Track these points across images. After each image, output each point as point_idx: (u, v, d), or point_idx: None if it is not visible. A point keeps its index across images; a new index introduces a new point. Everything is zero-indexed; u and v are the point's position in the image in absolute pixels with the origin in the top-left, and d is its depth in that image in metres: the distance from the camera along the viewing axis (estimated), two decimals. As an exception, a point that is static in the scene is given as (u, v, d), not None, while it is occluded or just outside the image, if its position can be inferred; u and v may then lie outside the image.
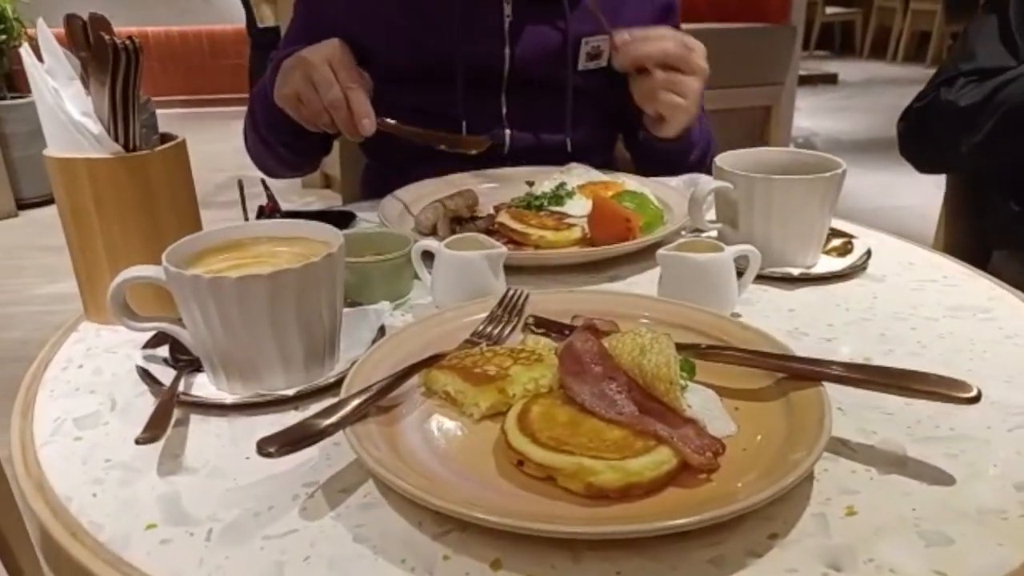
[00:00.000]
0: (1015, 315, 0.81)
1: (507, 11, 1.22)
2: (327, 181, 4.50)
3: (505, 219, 0.99)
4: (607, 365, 0.59)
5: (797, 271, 0.89)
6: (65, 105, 0.74)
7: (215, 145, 4.76)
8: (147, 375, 0.68)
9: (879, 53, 8.59)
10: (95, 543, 0.50)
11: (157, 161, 0.78)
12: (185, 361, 0.70)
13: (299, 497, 0.54)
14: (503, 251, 0.81)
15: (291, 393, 0.65)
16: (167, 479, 0.57)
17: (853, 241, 0.97)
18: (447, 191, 1.11)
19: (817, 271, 0.90)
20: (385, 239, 0.88)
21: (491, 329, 0.73)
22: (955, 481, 0.55)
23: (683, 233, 0.98)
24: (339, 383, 0.62)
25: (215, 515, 0.53)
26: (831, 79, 7.46)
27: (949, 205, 1.69)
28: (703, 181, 0.94)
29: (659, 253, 0.79)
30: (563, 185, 1.12)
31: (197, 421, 0.64)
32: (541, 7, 1.24)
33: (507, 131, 1.29)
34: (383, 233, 0.91)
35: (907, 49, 8.28)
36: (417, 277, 0.85)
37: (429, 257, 0.83)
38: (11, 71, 4.26)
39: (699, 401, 0.60)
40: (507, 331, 0.73)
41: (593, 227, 0.97)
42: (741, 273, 0.80)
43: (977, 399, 0.54)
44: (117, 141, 0.76)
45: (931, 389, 0.56)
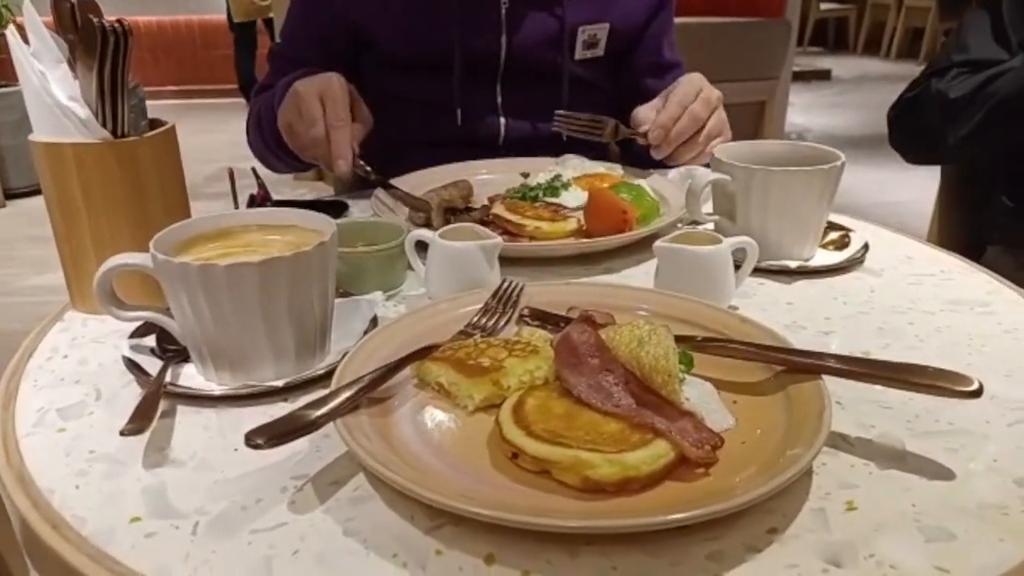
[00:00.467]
0: (1013, 309, 0.80)
1: None
2: (320, 174, 4.47)
3: (500, 210, 0.98)
4: (604, 357, 0.58)
5: (795, 264, 0.88)
6: (52, 89, 0.72)
7: (206, 136, 4.74)
8: (133, 365, 0.67)
9: (873, 49, 8.60)
10: (78, 537, 0.49)
11: (146, 147, 0.76)
12: (173, 351, 0.69)
13: (288, 490, 0.53)
14: (498, 242, 0.80)
15: (281, 384, 0.64)
16: (153, 471, 0.56)
17: (850, 234, 0.96)
18: (441, 182, 1.09)
19: (815, 264, 0.89)
20: (378, 229, 0.87)
21: (485, 320, 0.72)
22: (955, 476, 0.54)
23: (680, 225, 0.97)
24: (330, 374, 0.61)
25: (202, 508, 0.52)
26: (825, 75, 7.46)
27: (943, 200, 1.69)
28: (700, 173, 0.93)
29: (656, 245, 0.78)
30: (558, 177, 1.10)
31: (184, 412, 0.63)
32: None
33: (502, 120, 1.27)
34: (376, 223, 0.90)
35: (901, 46, 8.29)
36: (411, 268, 0.84)
37: (423, 248, 0.82)
38: (-2, 60, 4.21)
39: (697, 394, 0.59)
40: (502, 322, 0.72)
41: (589, 218, 0.96)
42: (738, 266, 0.79)
43: (979, 393, 0.53)
44: (105, 126, 0.74)
45: (932, 383, 0.55)
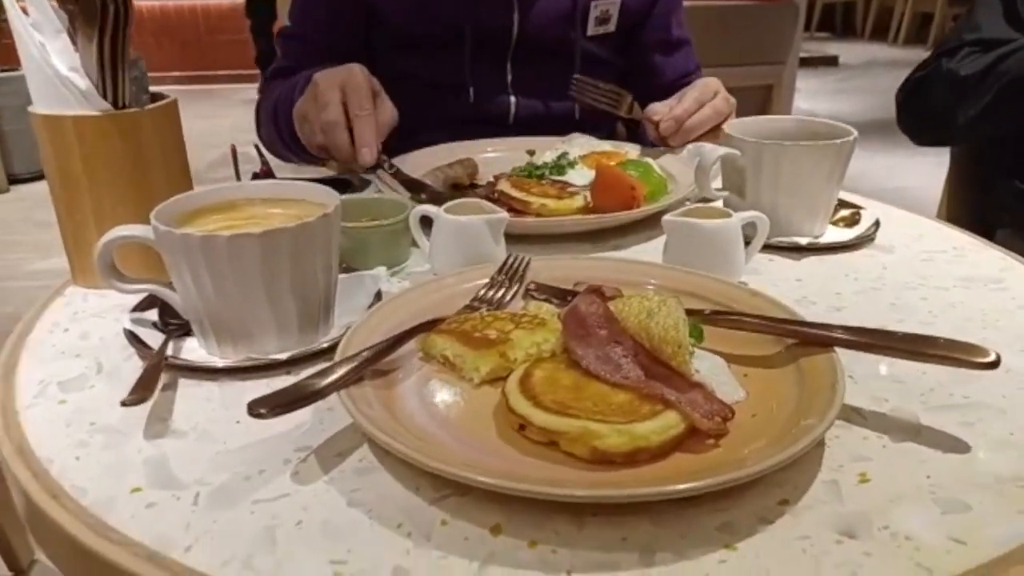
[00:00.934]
0: (1028, 286, 0.79)
1: None
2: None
3: (506, 187, 0.97)
4: (612, 328, 0.57)
5: (805, 240, 0.87)
6: (51, 60, 0.71)
7: (210, 121, 4.72)
8: (135, 338, 0.66)
9: (880, 35, 8.51)
10: (77, 507, 0.48)
11: (147, 120, 0.75)
12: (175, 325, 0.68)
13: (291, 462, 0.52)
14: (504, 216, 0.79)
15: (284, 357, 0.63)
16: (153, 442, 0.55)
17: (861, 212, 0.95)
18: (447, 159, 1.08)
19: (825, 241, 0.88)
20: (383, 205, 0.86)
21: (492, 294, 0.71)
22: (971, 449, 0.53)
23: (688, 202, 0.96)
24: (333, 348, 0.60)
25: (203, 479, 0.51)
26: (832, 61, 7.39)
27: (952, 183, 1.67)
28: (709, 148, 0.92)
29: (665, 219, 0.77)
30: (565, 155, 1.09)
31: (186, 385, 0.62)
32: None
33: (512, 99, 1.26)
34: (380, 199, 0.89)
35: (908, 31, 8.21)
36: (415, 244, 0.83)
37: (428, 224, 0.81)
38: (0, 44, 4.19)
39: (707, 367, 0.58)
40: (508, 296, 0.71)
41: (596, 195, 0.95)
42: (748, 242, 0.78)
43: (996, 364, 0.52)
44: (106, 98, 0.73)
45: (948, 354, 0.54)
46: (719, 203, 0.91)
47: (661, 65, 1.33)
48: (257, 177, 1.02)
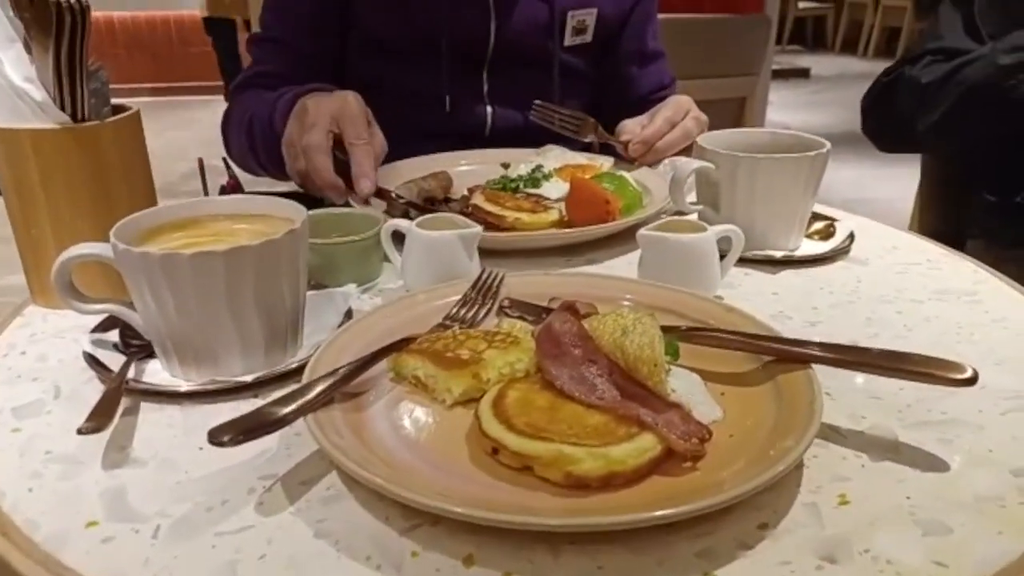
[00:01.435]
0: (1001, 298, 0.79)
1: None
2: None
3: (480, 201, 0.96)
4: (587, 347, 0.56)
5: (780, 254, 0.86)
6: (5, 69, 0.69)
7: (181, 133, 4.66)
8: (94, 361, 0.64)
9: (851, 48, 8.66)
10: (28, 543, 0.46)
11: (108, 133, 0.73)
12: (137, 346, 0.66)
13: (255, 491, 0.50)
14: (478, 231, 0.77)
15: (250, 379, 0.61)
16: (112, 472, 0.52)
17: (835, 224, 0.94)
18: (420, 172, 1.07)
19: (800, 254, 0.87)
20: (353, 220, 0.84)
21: (464, 312, 0.69)
22: (950, 467, 0.52)
23: (663, 216, 0.95)
24: (302, 369, 0.58)
25: (164, 510, 0.49)
26: (803, 73, 7.50)
27: (924, 195, 1.69)
28: (683, 162, 0.91)
29: (640, 233, 0.76)
30: (540, 168, 1.08)
31: (148, 410, 0.60)
32: None
33: (488, 110, 1.25)
34: (351, 213, 0.87)
35: (878, 44, 8.35)
36: (387, 260, 0.81)
37: (400, 239, 0.79)
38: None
39: (683, 385, 0.57)
40: (481, 314, 0.69)
41: (571, 208, 0.94)
42: (723, 255, 0.78)
43: (973, 381, 0.52)
44: (64, 110, 0.71)
45: (925, 371, 0.53)
46: (694, 216, 0.91)
47: (636, 77, 1.32)
48: (224, 191, 1.00)
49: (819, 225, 0.94)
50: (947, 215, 1.58)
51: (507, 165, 1.12)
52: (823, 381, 0.56)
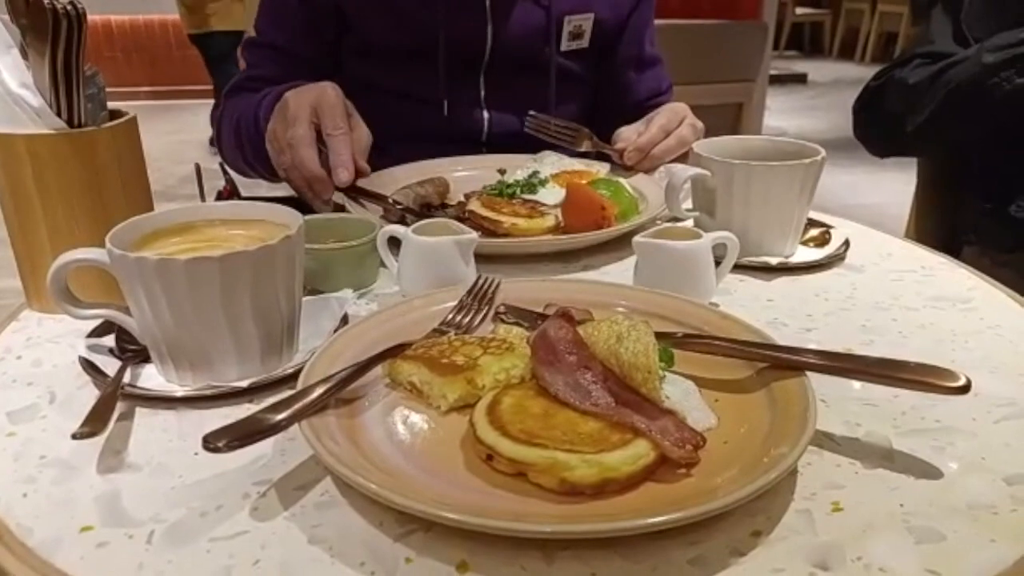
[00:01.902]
0: (995, 305, 0.79)
1: None
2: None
3: (476, 207, 0.96)
4: (582, 354, 0.56)
5: (775, 261, 0.87)
6: (1, 76, 0.69)
7: (180, 136, 4.65)
8: (90, 366, 0.64)
9: (848, 54, 8.69)
10: (22, 548, 0.46)
11: (104, 138, 0.73)
12: (132, 351, 0.66)
13: (250, 496, 0.50)
14: (474, 237, 0.77)
15: (245, 385, 0.61)
16: (107, 477, 0.52)
17: (831, 231, 0.95)
18: (417, 177, 1.07)
19: (795, 261, 0.87)
20: (349, 225, 0.84)
21: (460, 318, 0.69)
22: (943, 475, 0.53)
23: (659, 222, 0.95)
24: (297, 375, 0.58)
25: (158, 516, 0.49)
26: (801, 79, 7.52)
27: (919, 201, 1.69)
28: (679, 169, 0.92)
29: (635, 240, 0.76)
30: (536, 173, 1.09)
31: (143, 415, 0.60)
32: None
33: (485, 115, 1.25)
34: (347, 219, 0.87)
35: (875, 50, 8.39)
36: (383, 265, 0.81)
37: (396, 244, 0.79)
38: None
39: (678, 392, 0.57)
40: (477, 320, 0.69)
41: (567, 214, 0.94)
42: (719, 262, 0.78)
43: (967, 389, 0.52)
44: (60, 116, 0.71)
45: (919, 379, 0.54)
46: (690, 223, 0.91)
47: (633, 83, 1.33)
48: (221, 196, 1.00)
49: (814, 232, 0.94)
50: (943, 220, 1.58)
51: (503, 171, 1.13)
52: (818, 388, 0.56)
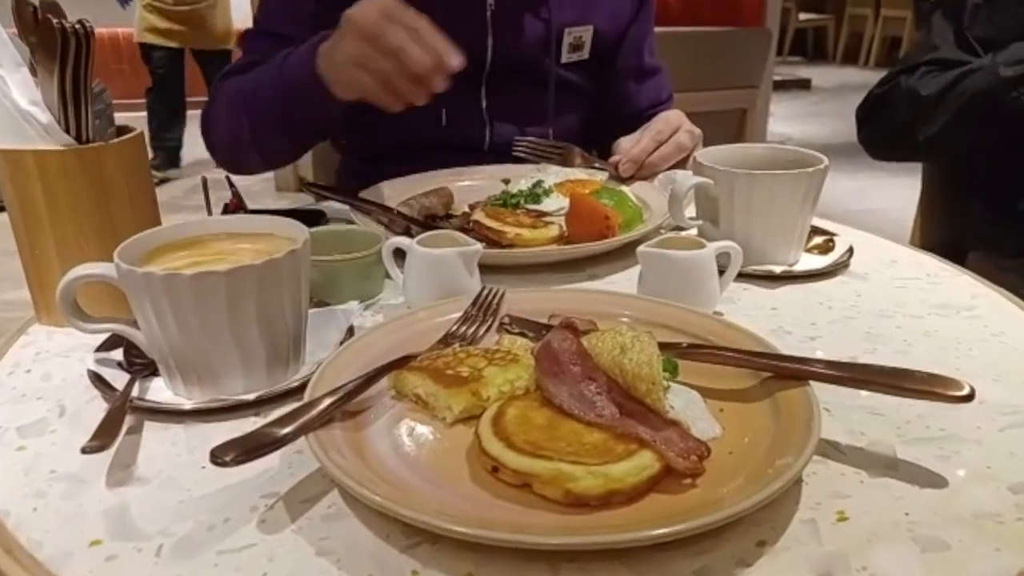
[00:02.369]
0: (1000, 312, 0.79)
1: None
2: (301, 184, 4.42)
3: (480, 217, 0.96)
4: (586, 365, 0.56)
5: (779, 269, 0.87)
6: (11, 93, 0.70)
7: (187, 148, 4.68)
8: (99, 379, 0.64)
9: (851, 59, 8.68)
10: (32, 561, 0.46)
11: (111, 154, 0.74)
12: (140, 365, 0.66)
13: (258, 509, 0.51)
14: (478, 248, 0.78)
15: (252, 398, 0.62)
16: (115, 491, 0.53)
17: (834, 239, 0.95)
18: (421, 188, 1.08)
19: (799, 269, 0.88)
20: (354, 237, 0.85)
21: (465, 329, 0.70)
22: (948, 484, 0.53)
23: (663, 231, 0.96)
24: (303, 387, 0.59)
25: (166, 529, 0.49)
26: (804, 84, 7.52)
27: (924, 206, 1.69)
28: (681, 177, 0.92)
29: (639, 250, 0.77)
30: (540, 183, 1.09)
31: (151, 428, 0.60)
32: None
33: (487, 125, 1.26)
34: (352, 231, 0.88)
35: (879, 55, 8.38)
36: (388, 276, 0.82)
37: (401, 255, 0.80)
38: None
39: (682, 402, 0.57)
40: (482, 331, 0.70)
41: (571, 224, 0.94)
42: (722, 271, 0.78)
43: (971, 397, 0.52)
44: (68, 132, 0.72)
45: (923, 388, 0.54)
46: (693, 232, 0.91)
47: (633, 93, 1.34)
48: (228, 209, 1.01)
49: (818, 240, 0.94)
50: (948, 225, 1.58)
51: (507, 181, 1.13)
52: (822, 397, 0.56)
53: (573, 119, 1.31)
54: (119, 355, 0.68)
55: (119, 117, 0.90)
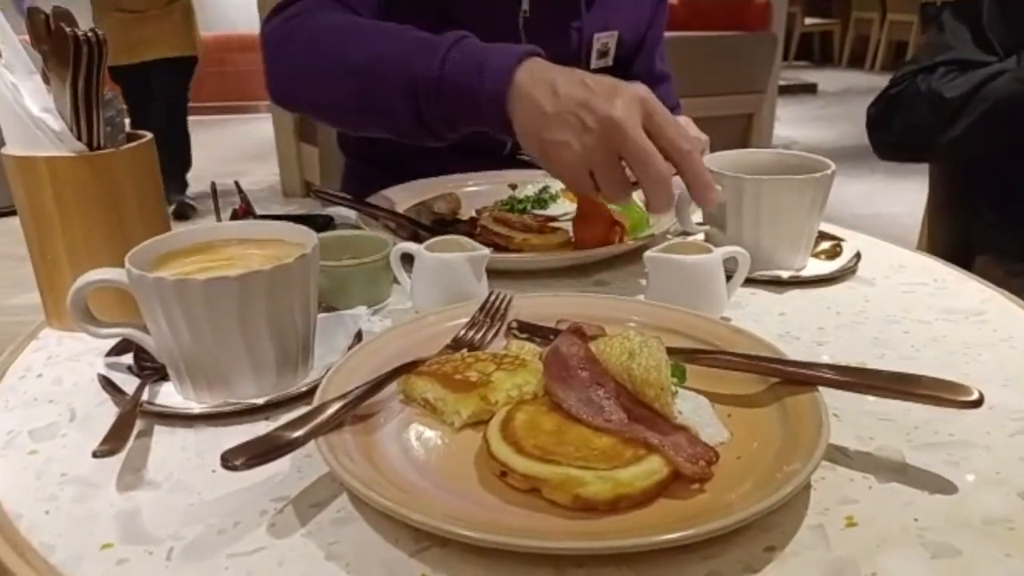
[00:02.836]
0: (1008, 317, 0.79)
1: (524, 6, 1.18)
2: (309, 190, 4.45)
3: (488, 222, 0.97)
4: (594, 370, 0.57)
5: (786, 274, 0.87)
6: (24, 100, 0.70)
7: (195, 153, 4.70)
8: (109, 384, 0.65)
9: (857, 63, 8.69)
10: (45, 565, 0.47)
11: (123, 160, 0.74)
12: (151, 369, 0.67)
13: (267, 513, 0.51)
14: (486, 253, 0.78)
15: (261, 402, 0.62)
16: (126, 495, 0.53)
17: (842, 244, 0.95)
18: (429, 193, 1.08)
19: (807, 274, 0.88)
20: (363, 242, 0.85)
21: (473, 334, 0.70)
22: (958, 489, 0.53)
23: (670, 236, 0.96)
24: (313, 392, 0.59)
25: (177, 533, 0.49)
26: (811, 88, 7.53)
27: (932, 210, 1.69)
28: (689, 182, 0.92)
29: (647, 255, 0.77)
30: (547, 188, 1.09)
31: (161, 432, 0.61)
32: (557, 3, 1.20)
33: None
34: (361, 236, 0.88)
35: (885, 59, 8.38)
36: (396, 281, 0.82)
37: (409, 260, 0.80)
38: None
39: (690, 407, 0.57)
40: (490, 336, 0.70)
41: (578, 230, 0.95)
42: (730, 276, 0.78)
43: (979, 403, 0.52)
44: (80, 139, 0.72)
45: (931, 393, 0.54)
46: (700, 237, 0.92)
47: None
48: (236, 213, 1.01)
49: (825, 245, 0.94)
50: (956, 230, 1.58)
51: (515, 186, 1.14)
52: (830, 401, 0.56)
53: None
54: (129, 359, 0.68)
55: (128, 131, 0.90)
